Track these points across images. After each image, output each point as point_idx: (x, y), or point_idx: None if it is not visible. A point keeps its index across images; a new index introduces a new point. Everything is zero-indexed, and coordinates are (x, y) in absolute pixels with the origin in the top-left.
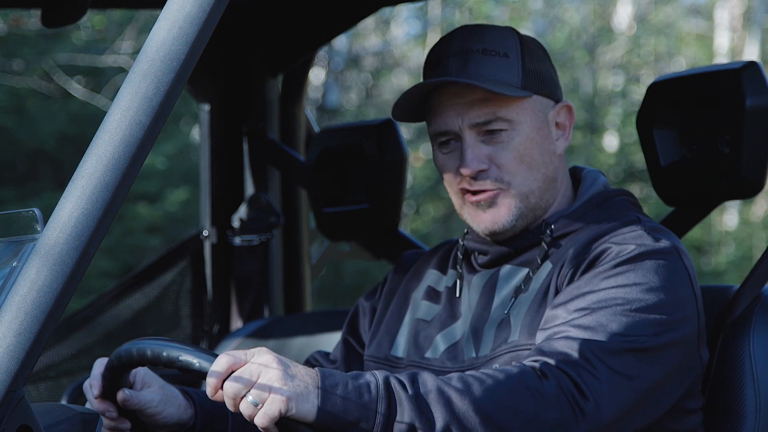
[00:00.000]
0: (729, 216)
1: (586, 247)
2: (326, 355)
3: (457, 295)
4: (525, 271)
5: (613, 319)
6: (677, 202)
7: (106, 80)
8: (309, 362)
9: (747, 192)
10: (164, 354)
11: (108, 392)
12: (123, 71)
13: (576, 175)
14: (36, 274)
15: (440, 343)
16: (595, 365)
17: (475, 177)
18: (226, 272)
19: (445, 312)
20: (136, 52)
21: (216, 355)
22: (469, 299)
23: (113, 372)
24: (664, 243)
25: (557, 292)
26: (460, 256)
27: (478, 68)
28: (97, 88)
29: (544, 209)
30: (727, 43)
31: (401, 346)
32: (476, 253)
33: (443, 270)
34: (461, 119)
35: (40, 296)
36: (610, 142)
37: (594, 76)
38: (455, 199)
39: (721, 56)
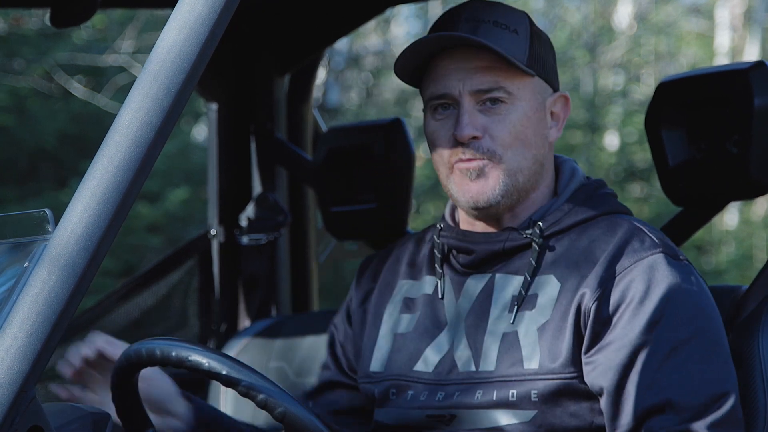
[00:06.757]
0: (729, 215)
1: (606, 270)
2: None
3: (440, 296)
4: (520, 278)
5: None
6: (685, 202)
7: (107, 80)
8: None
9: (755, 192)
10: (173, 354)
11: (117, 392)
12: (123, 71)
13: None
14: (47, 274)
15: (430, 356)
16: None
17: (467, 144)
18: (233, 271)
19: (427, 318)
20: (136, 52)
21: (229, 357)
22: (456, 305)
23: (122, 372)
24: (684, 261)
25: (579, 318)
26: (438, 255)
27: (487, 37)
28: (97, 88)
29: (528, 192)
30: (727, 42)
31: (378, 360)
32: (456, 252)
33: (416, 276)
34: (462, 84)
35: (52, 296)
36: (611, 141)
37: (595, 75)
38: (443, 170)
39: (722, 55)
